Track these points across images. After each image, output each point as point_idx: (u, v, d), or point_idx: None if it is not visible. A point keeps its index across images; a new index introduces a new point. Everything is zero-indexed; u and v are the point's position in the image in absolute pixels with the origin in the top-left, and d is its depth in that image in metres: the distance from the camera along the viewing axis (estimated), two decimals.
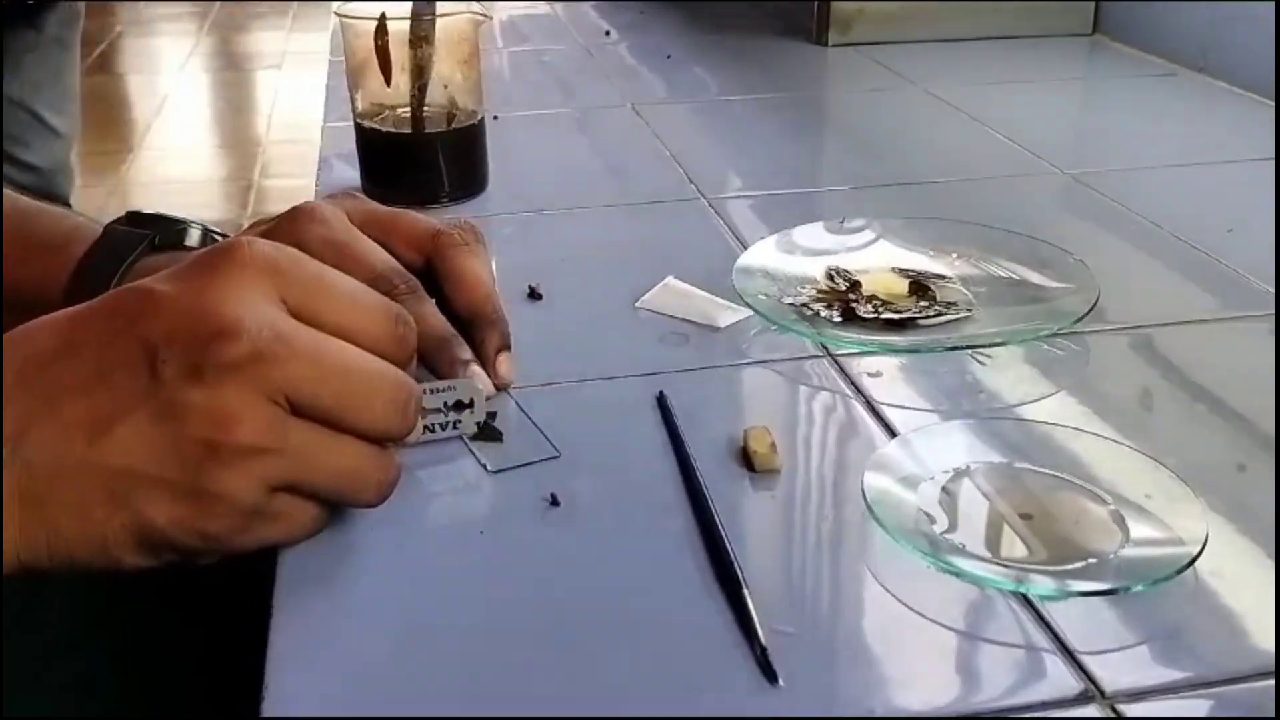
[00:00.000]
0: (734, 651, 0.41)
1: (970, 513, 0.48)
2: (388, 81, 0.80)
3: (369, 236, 0.54)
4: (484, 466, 0.52)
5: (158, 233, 0.61)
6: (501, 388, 0.56)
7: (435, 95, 0.83)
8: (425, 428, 0.52)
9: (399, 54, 0.79)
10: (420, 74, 0.79)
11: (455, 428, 0.53)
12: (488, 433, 0.53)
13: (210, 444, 0.39)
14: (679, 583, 0.45)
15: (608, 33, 1.35)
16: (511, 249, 0.76)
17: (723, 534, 0.46)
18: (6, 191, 0.65)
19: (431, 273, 0.56)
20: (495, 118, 1.03)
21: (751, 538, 0.47)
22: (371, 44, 0.79)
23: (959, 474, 0.50)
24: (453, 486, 0.51)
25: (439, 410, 0.52)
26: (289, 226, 0.53)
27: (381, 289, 0.51)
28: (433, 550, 0.47)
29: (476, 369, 0.55)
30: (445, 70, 0.81)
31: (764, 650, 0.40)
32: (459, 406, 0.53)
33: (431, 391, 0.51)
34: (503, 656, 0.41)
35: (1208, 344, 0.64)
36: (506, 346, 0.57)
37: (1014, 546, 0.46)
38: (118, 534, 0.40)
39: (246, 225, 0.57)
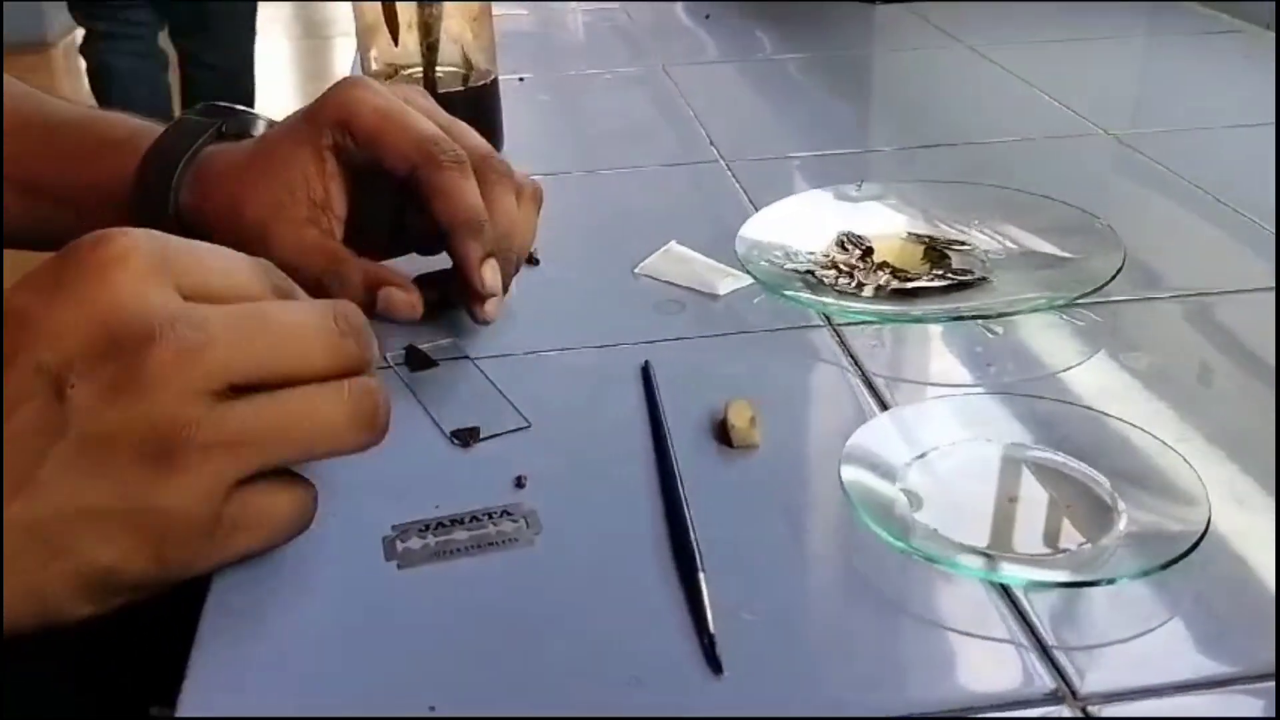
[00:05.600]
0: (685, 639, 0.39)
1: (953, 494, 0.45)
2: (395, 40, 0.78)
3: None
4: (451, 440, 0.50)
5: (224, 121, 0.60)
6: (487, 295, 0.54)
7: (450, 55, 0.81)
8: None
9: (407, 12, 0.77)
10: (428, 31, 0.77)
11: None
12: (419, 360, 0.55)
13: (153, 459, 0.35)
14: (638, 564, 0.42)
15: None
16: None
17: (687, 514, 0.44)
18: (63, 102, 0.64)
19: None
20: (521, 79, 1.01)
21: (722, 517, 0.45)
22: (380, 2, 0.77)
23: (947, 452, 0.47)
24: (412, 458, 0.49)
25: None
26: (337, 93, 0.54)
27: (425, 152, 0.52)
28: (381, 522, 0.45)
29: (488, 273, 0.54)
30: (455, 28, 0.79)
31: (711, 640, 0.38)
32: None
33: None
34: (438, 642, 0.39)
35: (1239, 316, 0.60)
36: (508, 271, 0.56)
37: (994, 531, 0.43)
38: (56, 584, 0.36)
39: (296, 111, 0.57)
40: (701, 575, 0.40)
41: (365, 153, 0.54)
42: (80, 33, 2.58)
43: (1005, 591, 0.40)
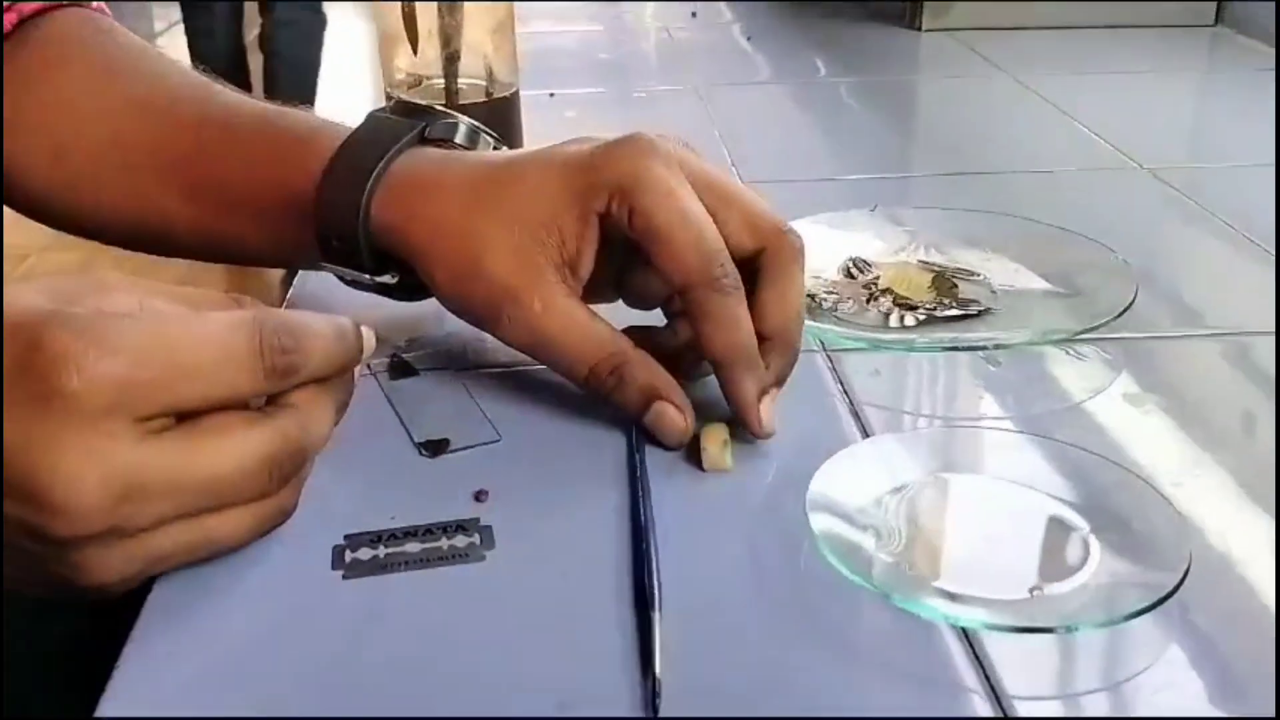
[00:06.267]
0: (619, 672, 0.37)
1: (922, 531, 0.43)
2: (415, 49, 0.77)
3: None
4: (420, 451, 0.49)
5: (428, 122, 0.53)
6: (761, 436, 0.48)
7: (473, 67, 0.80)
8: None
9: (427, 22, 0.77)
10: (448, 41, 0.77)
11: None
12: (401, 368, 0.54)
13: (70, 580, 0.36)
14: (587, 590, 0.41)
15: (694, 14, 1.31)
16: None
17: (652, 546, 0.42)
18: (242, 97, 0.58)
19: (752, 266, 0.48)
20: (551, 95, 1.00)
21: (683, 544, 0.43)
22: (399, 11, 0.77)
23: (923, 486, 0.45)
24: (377, 468, 0.48)
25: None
26: (628, 159, 0.47)
27: (708, 273, 0.45)
28: (335, 531, 0.44)
29: (765, 411, 0.48)
30: (475, 39, 0.78)
31: (655, 683, 0.36)
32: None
33: None
34: (368, 655, 0.38)
35: (1254, 357, 0.57)
36: (780, 383, 0.49)
37: (959, 571, 0.41)
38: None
39: (565, 143, 0.50)
40: (656, 616, 0.38)
41: (637, 239, 0.47)
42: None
43: (965, 635, 0.38)
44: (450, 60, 0.78)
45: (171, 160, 0.56)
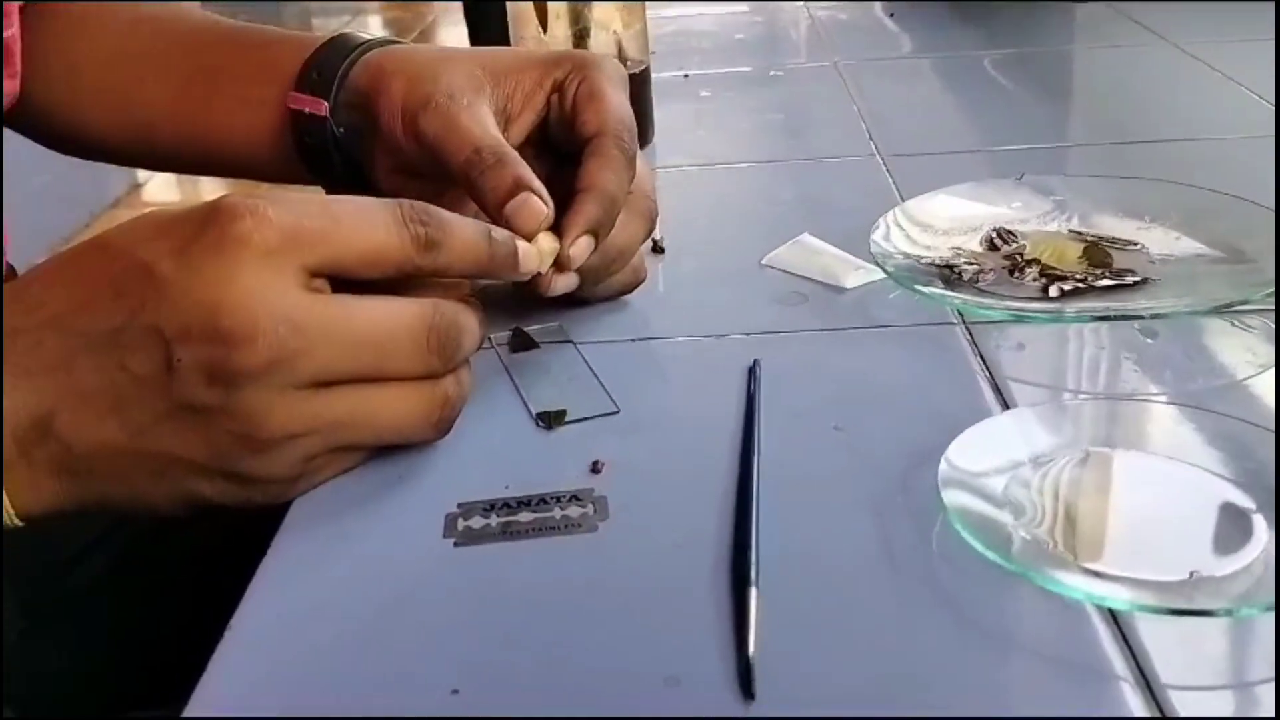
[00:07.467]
0: (729, 649, 0.35)
1: (1066, 505, 0.40)
2: (544, 27, 0.77)
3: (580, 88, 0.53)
4: (536, 422, 0.48)
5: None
6: (563, 254, 0.48)
7: (604, 45, 0.79)
8: None
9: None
10: (576, 19, 0.76)
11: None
12: (523, 341, 0.54)
13: (241, 437, 0.38)
14: (698, 564, 0.39)
15: None
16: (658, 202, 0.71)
17: (754, 525, 0.40)
18: (218, 19, 0.64)
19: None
20: (686, 75, 0.99)
21: (809, 519, 0.41)
22: None
23: (1069, 460, 0.42)
24: (494, 438, 0.47)
25: None
26: (591, 53, 0.57)
27: (616, 130, 0.51)
28: (449, 499, 0.43)
29: (582, 241, 0.49)
30: (605, 17, 0.77)
31: (748, 664, 0.34)
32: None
33: None
34: (478, 623, 0.37)
35: None
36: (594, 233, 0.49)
37: (1108, 549, 0.37)
38: (165, 502, 0.40)
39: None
40: (753, 591, 0.37)
41: (579, 106, 0.52)
42: None
43: (1114, 618, 0.35)
44: (579, 37, 0.77)
45: (171, 60, 0.62)
